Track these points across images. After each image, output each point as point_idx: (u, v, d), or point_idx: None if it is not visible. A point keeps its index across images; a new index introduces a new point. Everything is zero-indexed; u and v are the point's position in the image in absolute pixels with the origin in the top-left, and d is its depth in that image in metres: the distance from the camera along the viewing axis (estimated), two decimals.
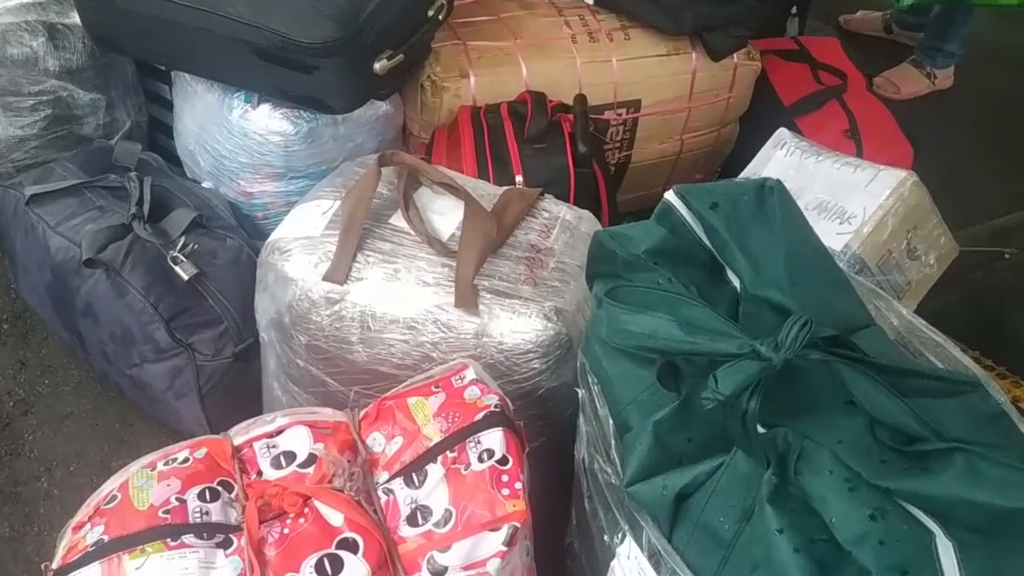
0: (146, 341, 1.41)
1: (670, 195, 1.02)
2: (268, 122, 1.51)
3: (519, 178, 1.49)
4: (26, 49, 1.62)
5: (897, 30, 2.77)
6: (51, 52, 1.64)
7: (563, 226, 1.30)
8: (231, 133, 1.55)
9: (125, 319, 1.41)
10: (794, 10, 2.36)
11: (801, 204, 1.47)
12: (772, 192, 1.01)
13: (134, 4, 1.47)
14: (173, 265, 1.40)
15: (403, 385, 1.09)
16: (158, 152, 1.77)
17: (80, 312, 1.47)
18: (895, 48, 2.73)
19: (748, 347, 0.81)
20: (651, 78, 1.76)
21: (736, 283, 0.99)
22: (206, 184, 1.64)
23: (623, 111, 1.76)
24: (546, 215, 1.31)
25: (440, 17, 1.58)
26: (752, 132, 1.91)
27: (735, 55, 1.82)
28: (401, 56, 1.48)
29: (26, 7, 1.66)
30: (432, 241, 1.21)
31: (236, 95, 1.54)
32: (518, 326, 1.15)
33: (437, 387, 1.06)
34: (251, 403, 1.45)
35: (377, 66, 1.45)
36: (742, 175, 1.62)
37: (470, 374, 1.07)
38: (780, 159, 1.59)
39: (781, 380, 0.82)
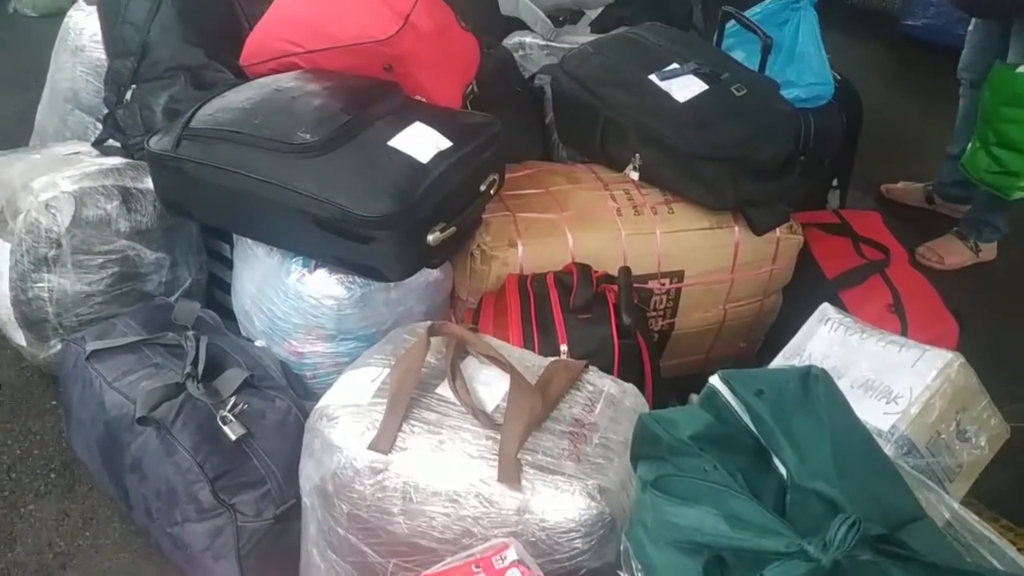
0: (189, 500, 1.42)
1: (715, 380, 1.03)
2: (324, 287, 1.57)
3: (563, 347, 1.52)
4: (100, 211, 1.73)
5: (940, 201, 2.80)
6: (124, 214, 1.74)
7: (607, 400, 1.30)
8: (287, 295, 1.60)
9: (171, 477, 1.43)
10: (835, 182, 2.42)
11: (846, 381, 1.49)
12: (817, 380, 1.02)
13: (206, 174, 1.57)
14: (222, 424, 1.43)
15: (443, 564, 1.08)
16: (214, 306, 1.84)
17: (128, 467, 1.49)
18: (937, 219, 2.76)
19: (796, 546, 0.81)
20: (694, 250, 1.80)
21: (783, 471, 0.98)
22: (259, 343, 1.68)
23: (667, 281, 1.80)
24: (590, 388, 1.33)
25: (492, 192, 1.66)
26: (796, 302, 1.92)
27: (777, 229, 1.86)
28: (454, 228, 1.55)
29: (104, 172, 1.78)
30: (477, 413, 1.22)
31: (294, 260, 1.60)
32: (561, 504, 1.14)
33: (477, 567, 1.05)
34: (288, 566, 1.44)
35: (430, 238, 1.52)
36: (786, 349, 1.62)
37: (511, 555, 1.06)
38: (824, 335, 1.59)
39: None
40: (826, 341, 1.58)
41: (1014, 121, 2.14)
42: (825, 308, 1.65)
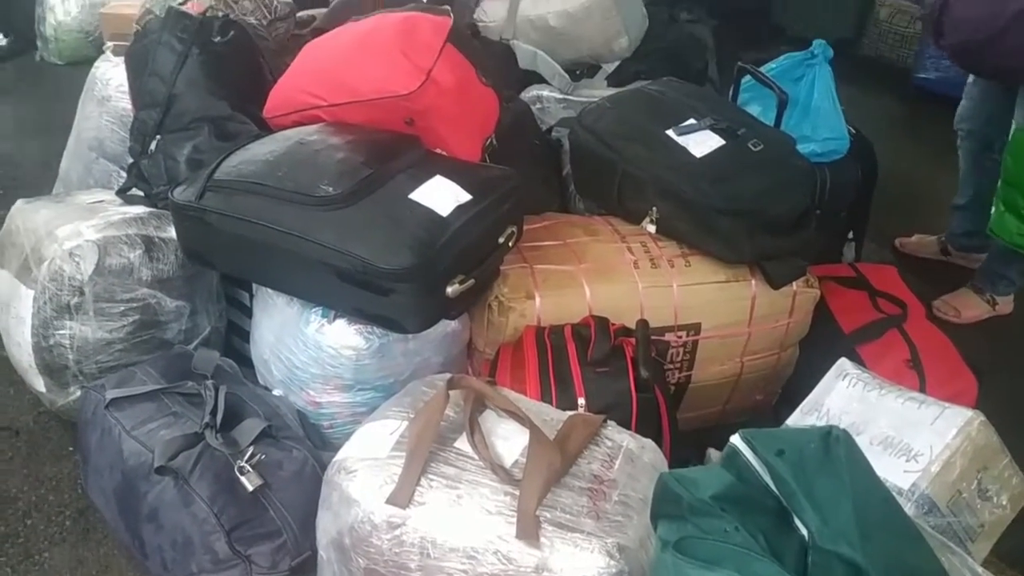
0: (205, 551, 1.42)
1: (736, 440, 1.03)
2: (342, 337, 1.58)
3: (581, 401, 1.52)
4: (123, 260, 1.75)
5: (955, 252, 2.80)
6: (146, 263, 1.77)
7: (626, 456, 1.30)
8: (306, 345, 1.61)
9: (188, 527, 1.43)
10: (851, 235, 2.43)
11: (866, 438, 1.49)
12: (838, 441, 1.02)
13: (228, 225, 1.59)
14: (240, 475, 1.43)
15: None
16: (231, 353, 1.85)
17: (145, 517, 1.49)
18: (952, 270, 2.76)
19: None
20: (711, 303, 1.81)
21: (804, 532, 0.98)
22: (277, 392, 1.69)
23: (683, 333, 1.80)
24: (609, 443, 1.32)
25: (510, 244, 1.67)
26: (812, 356, 1.92)
27: (794, 282, 1.87)
28: (472, 281, 1.56)
29: (127, 221, 1.81)
30: (496, 468, 1.22)
31: (314, 310, 1.61)
32: (580, 562, 1.13)
33: None
34: None
35: (449, 290, 1.53)
36: (804, 404, 1.62)
37: None
38: (842, 390, 1.59)
39: None
40: (844, 397, 1.58)
41: None
42: (843, 363, 1.65)
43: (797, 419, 1.60)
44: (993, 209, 2.26)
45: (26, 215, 1.87)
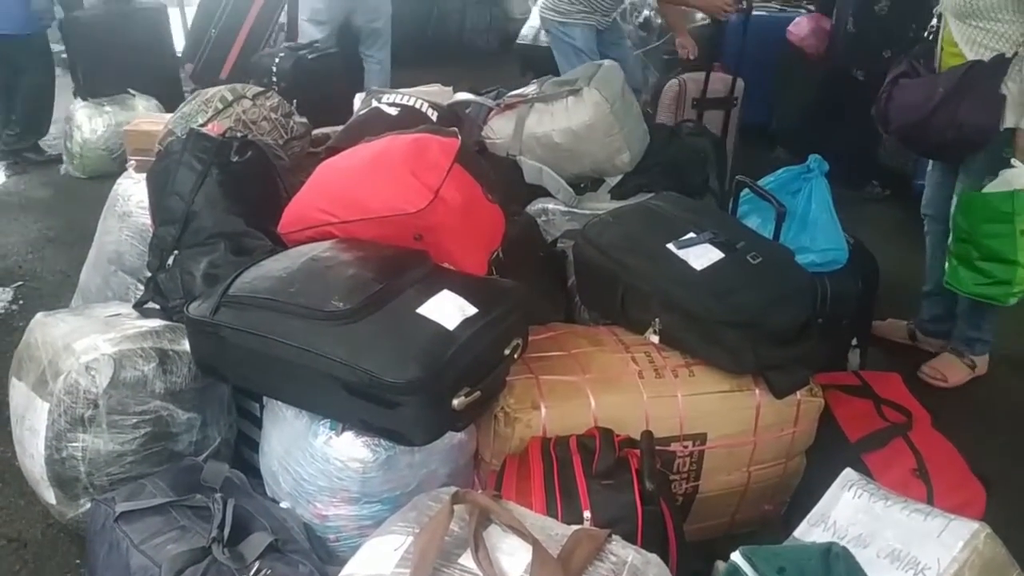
0: None
1: (737, 557, 1.04)
2: (350, 450, 1.60)
3: (587, 514, 1.52)
4: (138, 373, 1.78)
5: (922, 337, 2.91)
6: (159, 376, 1.80)
7: (631, 572, 1.29)
8: (314, 458, 1.63)
9: None
10: (855, 342, 2.45)
11: (873, 551, 1.48)
12: (838, 558, 1.03)
13: (241, 340, 1.64)
14: None
15: None
16: (241, 464, 1.87)
17: None
18: (919, 355, 2.85)
19: None
20: (716, 413, 1.82)
21: None
22: (284, 504, 1.70)
23: (689, 443, 1.81)
24: (613, 559, 1.32)
25: (516, 356, 1.70)
26: (819, 465, 1.92)
27: (798, 391, 1.88)
28: (478, 393, 1.59)
29: (143, 335, 1.85)
30: None
31: (322, 423, 1.64)
32: None
33: None
34: None
35: (456, 402, 1.55)
36: (811, 515, 1.61)
37: None
38: (848, 501, 1.59)
39: None
40: (851, 507, 1.58)
41: (997, 235, 2.33)
42: (848, 474, 1.65)
43: (804, 531, 1.59)
44: (946, 264, 2.47)
45: (45, 329, 1.92)
